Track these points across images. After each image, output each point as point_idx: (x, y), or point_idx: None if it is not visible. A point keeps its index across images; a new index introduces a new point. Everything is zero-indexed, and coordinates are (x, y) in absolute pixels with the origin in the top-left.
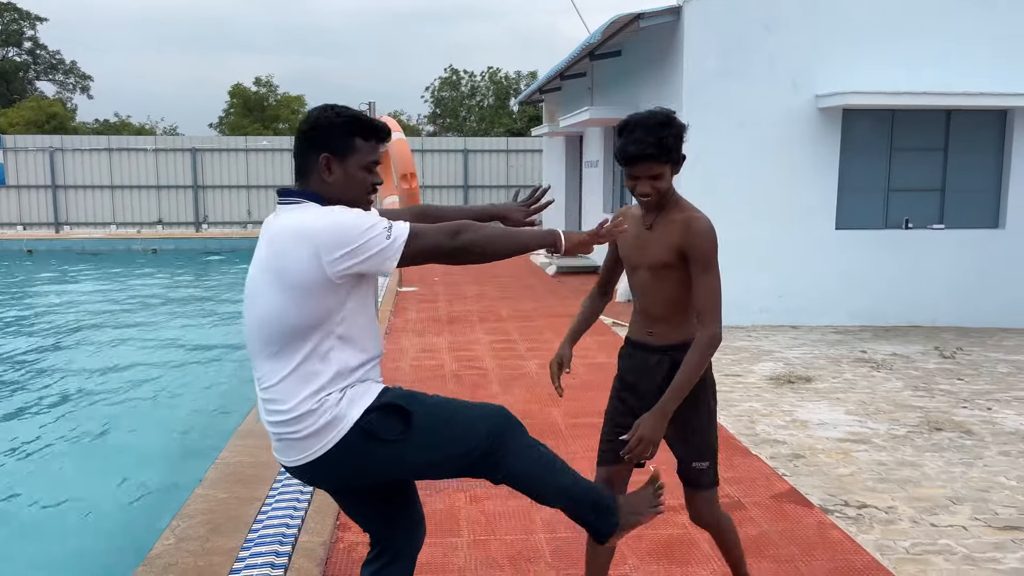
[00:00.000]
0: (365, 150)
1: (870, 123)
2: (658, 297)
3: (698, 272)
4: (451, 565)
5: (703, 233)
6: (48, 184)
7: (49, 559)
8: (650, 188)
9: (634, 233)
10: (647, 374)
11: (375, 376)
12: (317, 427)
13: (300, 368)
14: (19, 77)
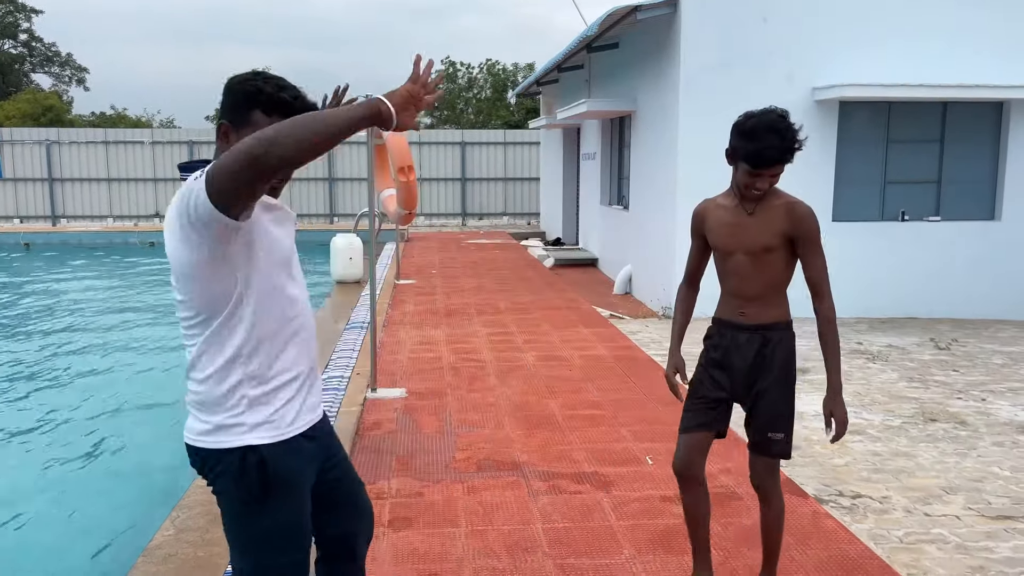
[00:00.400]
0: (264, 124)
1: (867, 115)
2: (754, 279)
3: (808, 252)
4: (449, 555)
5: (808, 216)
6: (45, 177)
7: (49, 552)
8: (769, 185)
9: (727, 221)
10: (738, 352)
11: (292, 395)
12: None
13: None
14: (15, 69)
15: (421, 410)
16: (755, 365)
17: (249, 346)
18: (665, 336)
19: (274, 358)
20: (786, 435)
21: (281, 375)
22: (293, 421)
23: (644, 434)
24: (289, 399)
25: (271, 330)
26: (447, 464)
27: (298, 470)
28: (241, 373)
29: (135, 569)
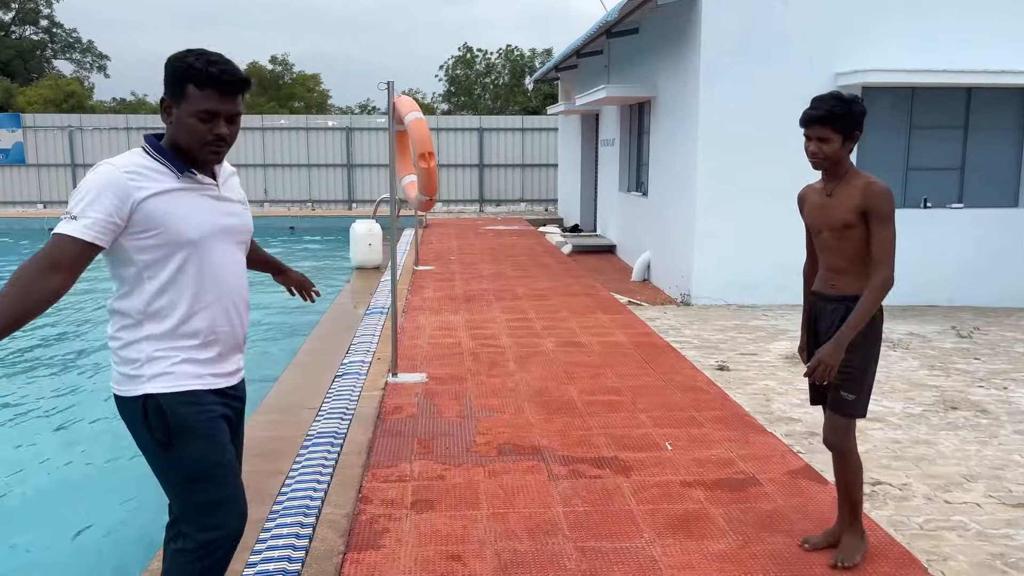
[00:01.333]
0: (197, 98)
1: (889, 101)
2: (839, 254)
3: (876, 226)
4: (471, 536)
5: (881, 193)
6: (67, 163)
7: (71, 537)
8: (817, 148)
9: (816, 203)
10: (826, 319)
11: (198, 355)
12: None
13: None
14: (36, 56)
15: (441, 395)
16: (837, 330)
17: (152, 311)
18: (683, 323)
19: (178, 322)
20: (858, 397)
21: (179, 340)
22: (195, 376)
23: (663, 420)
24: (189, 358)
25: (173, 299)
26: (468, 448)
27: (200, 417)
28: (142, 333)
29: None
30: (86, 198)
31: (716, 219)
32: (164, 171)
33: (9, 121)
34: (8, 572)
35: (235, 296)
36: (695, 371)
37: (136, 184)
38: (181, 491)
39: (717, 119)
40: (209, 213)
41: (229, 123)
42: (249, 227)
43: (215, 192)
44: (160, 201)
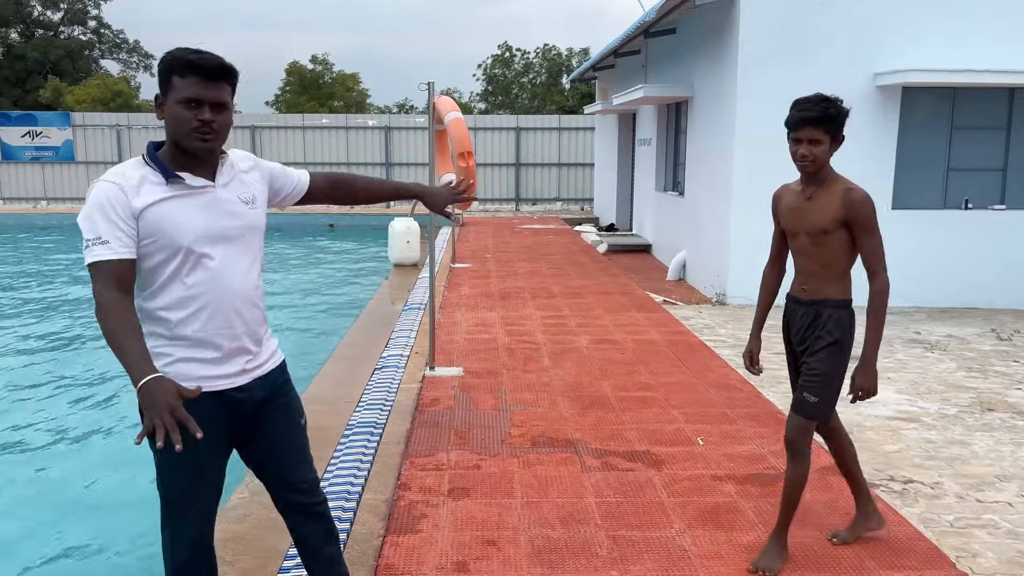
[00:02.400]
0: (180, 86)
1: (930, 101)
2: (814, 259)
3: (863, 235)
4: (506, 523)
5: (862, 202)
6: (115, 160)
7: (126, 516)
8: (808, 151)
9: (794, 205)
10: (797, 323)
11: (193, 355)
12: None
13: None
14: (84, 56)
15: (477, 388)
16: (807, 335)
17: (149, 309)
18: (718, 322)
19: (176, 323)
20: (821, 399)
21: (178, 341)
22: (189, 378)
23: (696, 416)
24: (185, 358)
25: (169, 302)
26: (503, 439)
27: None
28: (148, 329)
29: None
30: (99, 219)
31: (752, 219)
32: (156, 179)
33: (59, 120)
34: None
35: (235, 297)
36: (728, 369)
37: (131, 195)
38: (158, 480)
39: (753, 119)
40: (201, 216)
41: (215, 111)
42: (252, 224)
43: (211, 193)
44: (154, 211)
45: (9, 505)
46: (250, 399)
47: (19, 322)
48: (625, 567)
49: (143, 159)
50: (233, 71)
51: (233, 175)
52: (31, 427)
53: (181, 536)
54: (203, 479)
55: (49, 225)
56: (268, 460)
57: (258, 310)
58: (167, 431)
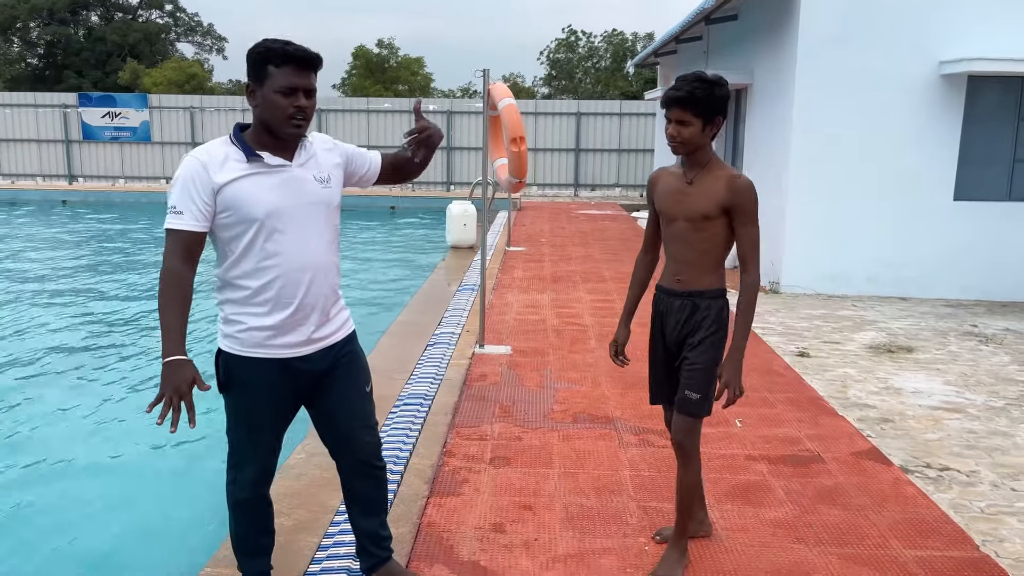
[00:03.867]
0: (277, 76)
1: (997, 91)
2: (691, 246)
3: (743, 224)
4: (543, 491)
5: (748, 189)
6: (188, 141)
7: (193, 476)
8: (675, 131)
9: (673, 189)
10: (673, 316)
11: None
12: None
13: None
14: (161, 39)
15: (524, 366)
16: (684, 329)
17: (227, 279)
18: (769, 310)
19: (250, 292)
20: (703, 396)
21: (252, 307)
22: (259, 344)
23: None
24: (256, 326)
25: (245, 271)
26: (545, 415)
27: (252, 380)
28: (224, 296)
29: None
30: (180, 192)
31: (808, 208)
32: (238, 157)
33: (137, 101)
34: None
35: (307, 270)
36: (773, 356)
37: (213, 172)
38: (228, 426)
39: (812, 108)
40: (275, 193)
41: (307, 97)
42: (325, 201)
43: (288, 172)
44: (233, 187)
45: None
46: (313, 368)
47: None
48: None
49: (229, 138)
50: (321, 60)
51: (310, 155)
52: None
53: (242, 479)
54: (261, 434)
55: (126, 202)
56: (332, 423)
57: (329, 283)
58: (172, 411)
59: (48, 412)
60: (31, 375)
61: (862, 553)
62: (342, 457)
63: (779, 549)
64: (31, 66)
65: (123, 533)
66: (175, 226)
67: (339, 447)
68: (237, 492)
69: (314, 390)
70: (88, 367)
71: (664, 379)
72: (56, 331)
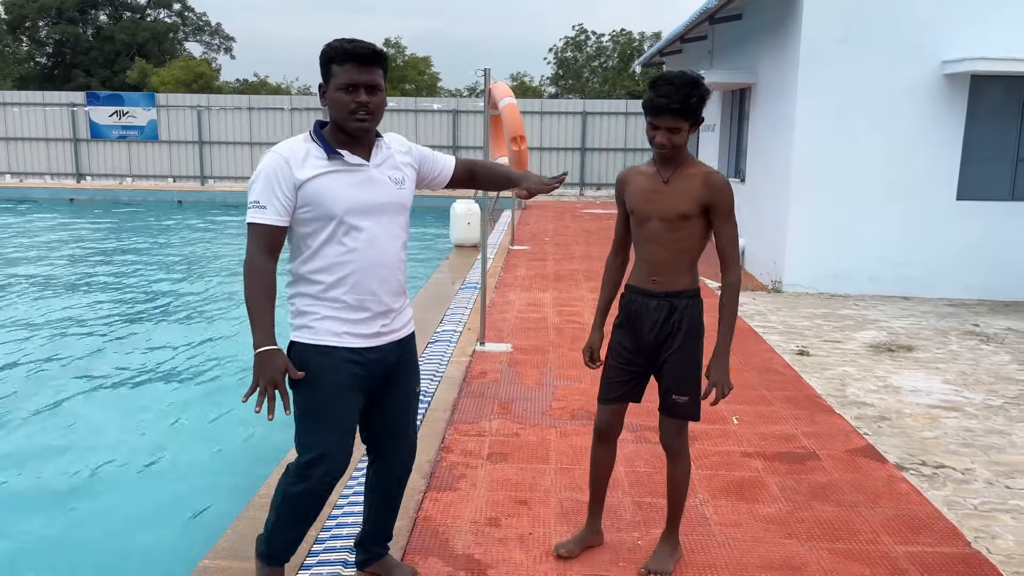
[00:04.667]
0: (339, 73)
1: (1000, 90)
2: (667, 247)
3: (722, 221)
4: (539, 486)
5: (725, 186)
6: (195, 140)
7: (199, 469)
8: (666, 140)
9: (647, 188)
10: (648, 318)
11: (340, 314)
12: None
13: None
14: (169, 38)
15: (524, 363)
16: (662, 332)
17: (302, 273)
18: (771, 309)
19: (326, 285)
20: (691, 398)
21: (326, 301)
22: (332, 333)
23: (734, 397)
24: (331, 316)
25: (321, 265)
26: (544, 411)
27: (328, 368)
28: (297, 289)
29: (272, 476)
30: (263, 186)
31: (810, 207)
32: (319, 154)
33: (145, 100)
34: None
35: (380, 266)
36: (773, 354)
37: (295, 167)
38: (297, 429)
39: (815, 107)
40: (354, 191)
41: (370, 93)
42: (398, 202)
43: (364, 171)
44: (314, 183)
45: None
46: (383, 360)
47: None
48: (646, 529)
49: (310, 135)
50: (384, 55)
51: (387, 156)
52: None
53: (315, 473)
54: (336, 424)
55: (133, 201)
56: (386, 419)
57: (398, 281)
58: (267, 399)
59: (45, 408)
60: (31, 370)
61: (853, 548)
62: (383, 455)
63: (771, 544)
64: (40, 65)
65: (121, 526)
66: (258, 220)
67: (384, 443)
68: (304, 484)
69: (382, 384)
70: (85, 363)
71: (627, 379)
72: (59, 324)
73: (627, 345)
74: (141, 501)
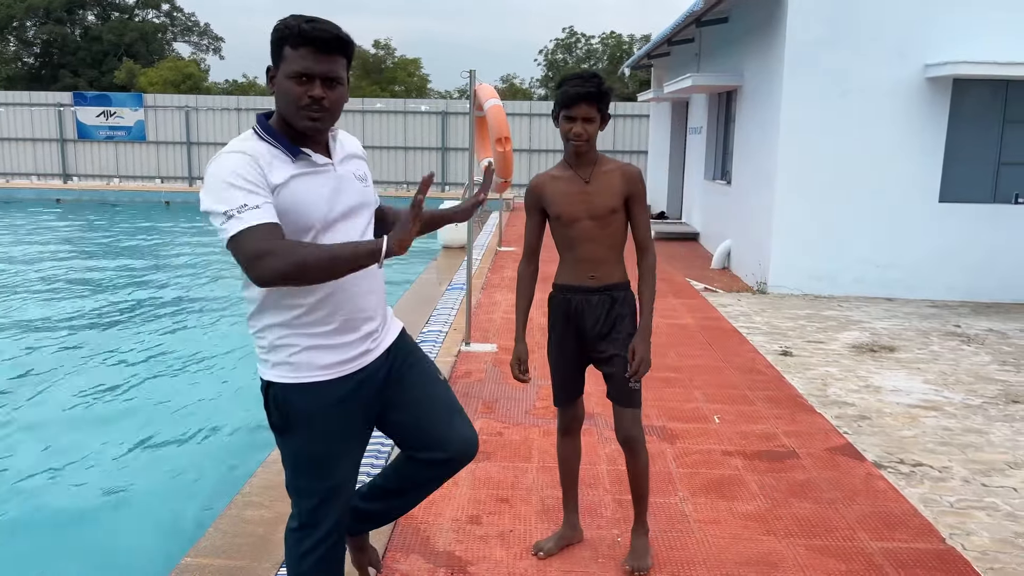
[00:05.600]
0: (292, 59)
1: (982, 94)
2: (601, 243)
3: (639, 211)
4: (520, 484)
5: (640, 177)
6: (183, 140)
7: (174, 480)
8: (583, 130)
9: (569, 191)
10: (591, 313)
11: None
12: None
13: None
14: (157, 38)
15: (508, 364)
16: (606, 324)
17: (272, 299)
18: (755, 310)
19: (302, 309)
20: (639, 384)
21: (304, 328)
22: (317, 367)
23: (716, 396)
24: (312, 346)
25: (289, 290)
26: (527, 411)
27: (316, 409)
28: (270, 320)
29: (255, 476)
30: (243, 190)
31: (796, 209)
32: (281, 156)
33: (132, 100)
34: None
35: (360, 278)
36: (756, 354)
37: (267, 171)
38: (289, 474)
39: (800, 109)
40: (329, 196)
41: (327, 87)
42: (366, 201)
43: (331, 171)
44: (287, 189)
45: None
46: (374, 377)
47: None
48: (626, 526)
49: (256, 133)
50: (349, 42)
51: (345, 154)
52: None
53: (318, 532)
54: (336, 471)
55: (120, 202)
56: (415, 424)
57: (380, 287)
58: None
59: (29, 407)
60: (11, 371)
61: (829, 545)
62: (435, 455)
63: (749, 541)
64: (27, 65)
65: (103, 524)
66: (262, 220)
67: (433, 444)
68: (311, 546)
69: (383, 397)
70: (67, 363)
71: (577, 375)
72: (43, 326)
73: (570, 343)
74: (123, 500)
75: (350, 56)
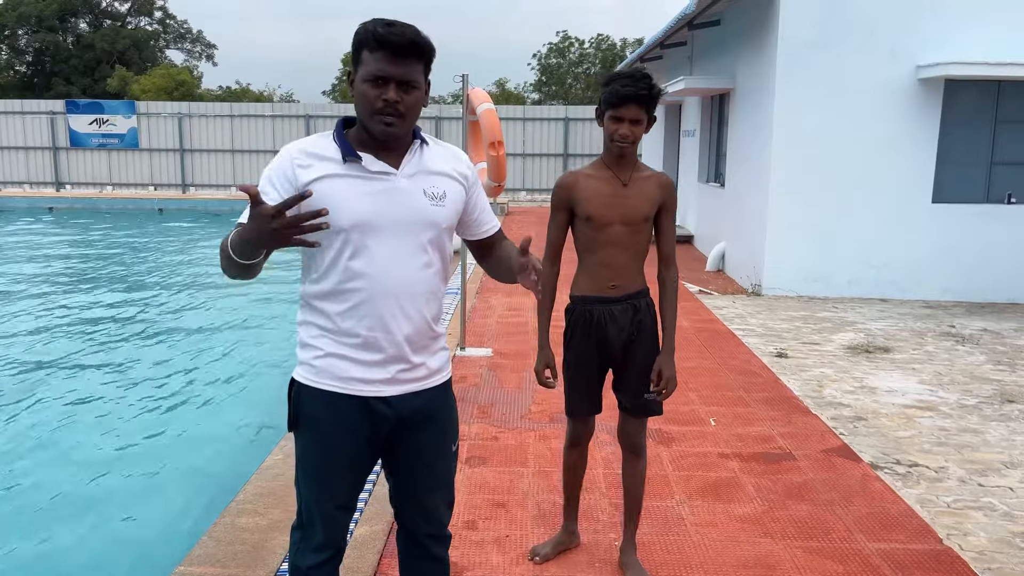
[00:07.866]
0: (368, 62)
1: (974, 94)
2: (628, 250)
3: (668, 222)
4: (516, 489)
5: (673, 186)
6: (176, 148)
7: (168, 485)
8: (630, 132)
9: (605, 192)
10: (614, 324)
11: (346, 351)
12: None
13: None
14: (150, 46)
15: (504, 368)
16: (629, 335)
17: (306, 298)
18: (750, 312)
19: (331, 314)
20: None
21: (332, 334)
22: (336, 377)
23: (712, 399)
24: (336, 353)
25: (326, 289)
26: (523, 415)
27: (325, 419)
28: (304, 317)
29: (249, 483)
30: (262, 183)
31: (790, 211)
32: (333, 155)
33: (125, 108)
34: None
35: (398, 297)
36: (752, 356)
37: (301, 169)
38: (296, 471)
39: (793, 111)
40: (368, 201)
41: (401, 90)
42: (432, 221)
43: (390, 181)
44: (320, 186)
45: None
46: (393, 414)
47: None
48: (622, 530)
49: (332, 133)
50: (427, 46)
51: (425, 166)
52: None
53: (307, 543)
54: (331, 484)
55: (113, 209)
56: (406, 484)
57: (425, 316)
58: (302, 231)
59: (26, 413)
60: (6, 378)
61: (827, 546)
62: (405, 525)
63: (746, 543)
64: (19, 73)
65: (97, 533)
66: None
67: (406, 512)
68: (299, 558)
69: (393, 440)
70: (59, 372)
71: (597, 388)
72: (40, 332)
73: (593, 358)
74: (118, 508)
75: (429, 60)
